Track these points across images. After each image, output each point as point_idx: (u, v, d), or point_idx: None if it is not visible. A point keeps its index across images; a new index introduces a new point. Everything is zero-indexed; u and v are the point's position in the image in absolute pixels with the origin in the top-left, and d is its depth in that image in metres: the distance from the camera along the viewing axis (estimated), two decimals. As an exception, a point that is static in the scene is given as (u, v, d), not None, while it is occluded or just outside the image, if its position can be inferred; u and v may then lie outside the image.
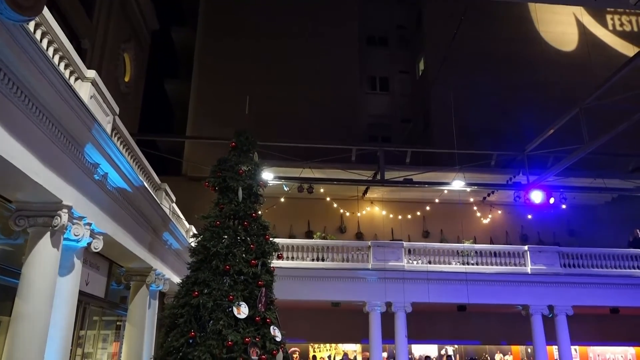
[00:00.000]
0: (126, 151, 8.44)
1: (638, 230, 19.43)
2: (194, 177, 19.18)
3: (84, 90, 6.58)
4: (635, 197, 20.41)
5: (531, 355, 19.02)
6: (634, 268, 17.69)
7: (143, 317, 10.13)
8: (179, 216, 12.64)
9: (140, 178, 8.67)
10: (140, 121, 22.76)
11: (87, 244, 7.04)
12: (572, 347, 17.81)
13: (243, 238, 7.94)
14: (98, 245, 7.32)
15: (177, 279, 11.36)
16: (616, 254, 17.94)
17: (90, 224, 6.95)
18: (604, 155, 18.98)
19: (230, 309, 7.27)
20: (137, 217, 9.10)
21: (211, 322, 7.18)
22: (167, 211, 10.77)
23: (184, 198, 13.96)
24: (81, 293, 7.63)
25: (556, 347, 17.18)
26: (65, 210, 6.22)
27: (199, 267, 7.72)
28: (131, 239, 8.86)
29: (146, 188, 9.02)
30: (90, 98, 6.71)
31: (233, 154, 8.75)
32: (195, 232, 8.52)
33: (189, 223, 13.68)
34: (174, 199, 11.98)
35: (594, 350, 20.62)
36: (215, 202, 8.42)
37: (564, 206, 19.43)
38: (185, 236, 12.40)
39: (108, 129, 7.36)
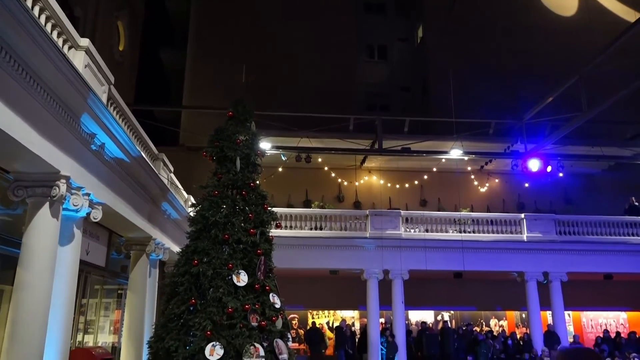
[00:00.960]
0: (122, 121, 8.39)
1: (634, 198, 19.58)
2: (191, 147, 19.13)
3: (78, 59, 6.50)
4: (632, 164, 20.48)
5: (525, 321, 19.42)
6: (629, 235, 17.91)
7: (144, 286, 10.26)
8: (177, 186, 12.67)
9: (138, 148, 8.65)
10: (136, 91, 22.54)
11: (87, 214, 7.08)
12: (566, 312, 18.18)
13: (241, 207, 7.98)
14: (97, 215, 7.35)
15: (176, 248, 11.47)
16: (612, 221, 18.12)
17: (88, 194, 6.97)
18: (602, 123, 18.98)
19: (229, 277, 7.36)
20: (135, 187, 9.12)
21: (211, 289, 7.28)
22: (165, 181, 10.79)
23: (181, 168, 13.96)
24: (82, 262, 7.72)
25: (550, 312, 17.53)
26: (64, 181, 6.22)
27: (198, 236, 7.78)
28: (130, 209, 8.90)
29: (144, 158, 9.01)
30: (85, 67, 6.63)
31: (230, 123, 8.70)
32: (194, 201, 8.56)
33: (187, 193, 13.72)
34: (171, 169, 11.98)
35: (587, 315, 21.06)
36: (213, 172, 8.43)
37: (561, 174, 19.56)
38: (183, 206, 12.46)
39: (104, 98, 7.30)
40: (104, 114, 6.82)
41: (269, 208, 8.35)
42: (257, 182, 8.59)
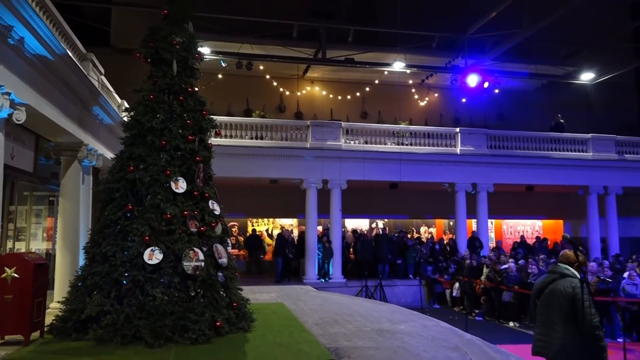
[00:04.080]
0: (43, 14, 7.63)
1: (560, 115, 20.68)
2: (123, 48, 17.85)
3: (-15, -62, 5.70)
4: (562, 83, 21.42)
5: (453, 228, 20.84)
6: (551, 150, 19.10)
7: (77, 192, 9.96)
8: (109, 89, 11.98)
9: (62, 45, 7.98)
10: (57, -18, 20.35)
11: (8, 115, 6.59)
12: (489, 220, 19.62)
13: (179, 113, 7.73)
14: (20, 117, 6.88)
15: (110, 155, 11.09)
16: (538, 136, 19.18)
17: (9, 94, 6.45)
18: (539, 42, 19.41)
19: (167, 184, 7.29)
20: (62, 88, 8.53)
21: (149, 196, 7.21)
22: (96, 83, 10.15)
23: (113, 70, 13.13)
24: (7, 167, 7.33)
25: (475, 220, 18.84)
26: (-21, 78, 5.71)
27: (133, 142, 7.54)
28: (58, 112, 8.37)
29: (70, 57, 8.35)
30: (-6, -52, 5.85)
31: (166, 23, 8.17)
32: (128, 106, 8.17)
33: (121, 97, 13.04)
34: (102, 71, 11.24)
35: (508, 223, 22.91)
36: (148, 75, 8.02)
37: (496, 90, 20.21)
38: (117, 111, 11.89)
39: (19, -14, 6.55)
40: (20, 3, 6.15)
41: (208, 115, 8.15)
42: (196, 87, 8.28)
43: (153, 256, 6.78)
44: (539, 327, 4.39)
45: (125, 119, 7.90)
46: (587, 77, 20.05)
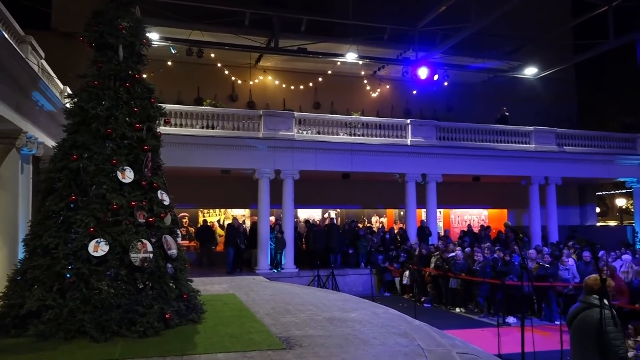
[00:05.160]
0: (-24, -7, 7.18)
1: (505, 108, 21.45)
2: (66, 32, 17.05)
3: None
4: (508, 77, 22.20)
5: (403, 217, 21.28)
6: (497, 142, 19.78)
7: (16, 182, 9.49)
8: (50, 74, 11.42)
9: (-2, 27, 7.54)
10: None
11: (-63, 100, 6.19)
12: (438, 210, 20.16)
13: (125, 100, 7.49)
14: (-49, 102, 6.47)
15: (52, 143, 10.61)
16: (484, 129, 19.80)
17: (-62, 77, 6.06)
18: (486, 37, 19.98)
19: (114, 174, 7.07)
20: (-2, 72, 8.07)
21: (94, 186, 6.96)
22: (35, 68, 9.65)
23: (55, 55, 12.51)
24: (-63, 155, 6.88)
25: (425, 209, 19.31)
26: None
27: (76, 129, 7.25)
28: (-7, 97, 7.93)
29: (6, 39, 7.90)
30: None
31: (111, 6, 7.87)
32: (71, 92, 7.82)
33: (63, 83, 12.46)
34: (42, 55, 10.70)
35: (455, 212, 23.62)
36: (92, 61, 7.70)
37: (445, 83, 20.72)
38: (59, 97, 11.36)
39: (-52, -38, 6.12)
40: (-50, -19, 5.76)
41: (156, 103, 7.94)
42: (144, 74, 8.04)
43: (98, 248, 6.57)
44: (572, 354, 4.60)
45: (68, 105, 7.55)
46: (530, 71, 20.89)
